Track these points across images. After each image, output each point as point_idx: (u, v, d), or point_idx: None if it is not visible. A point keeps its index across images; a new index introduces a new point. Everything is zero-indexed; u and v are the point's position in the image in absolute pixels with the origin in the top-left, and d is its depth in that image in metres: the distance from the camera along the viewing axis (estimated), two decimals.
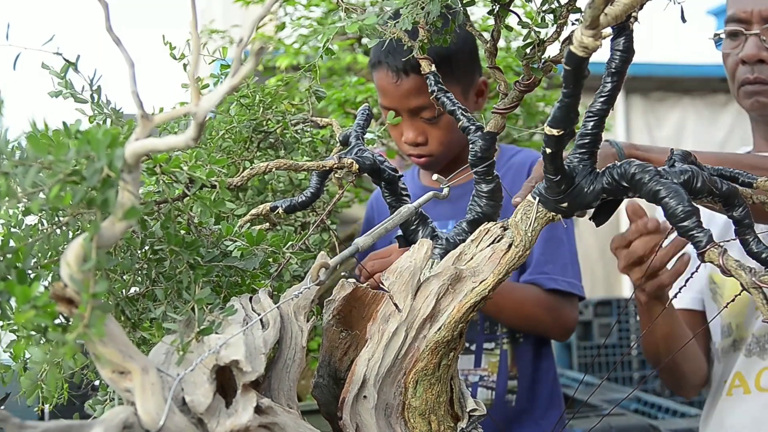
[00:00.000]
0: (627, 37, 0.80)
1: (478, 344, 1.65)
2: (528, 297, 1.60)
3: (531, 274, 1.62)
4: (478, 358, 1.65)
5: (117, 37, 0.62)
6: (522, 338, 1.67)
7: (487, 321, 1.66)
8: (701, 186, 0.81)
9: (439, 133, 1.59)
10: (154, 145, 0.58)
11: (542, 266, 1.62)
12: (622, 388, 2.86)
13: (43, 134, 0.63)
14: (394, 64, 1.55)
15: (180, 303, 0.79)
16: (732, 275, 0.74)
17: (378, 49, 1.59)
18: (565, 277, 1.62)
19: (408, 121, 1.60)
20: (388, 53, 1.56)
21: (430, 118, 1.58)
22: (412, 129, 1.60)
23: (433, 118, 1.58)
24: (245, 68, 0.55)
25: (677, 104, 5.78)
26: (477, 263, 0.91)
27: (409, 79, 1.55)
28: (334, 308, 0.91)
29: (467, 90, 1.63)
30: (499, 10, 0.94)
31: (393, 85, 1.57)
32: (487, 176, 1.01)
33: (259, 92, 1.21)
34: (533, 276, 1.61)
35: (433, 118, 1.58)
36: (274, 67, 2.52)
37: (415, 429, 0.87)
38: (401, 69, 1.55)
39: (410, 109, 1.58)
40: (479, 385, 1.64)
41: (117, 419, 0.61)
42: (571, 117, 0.78)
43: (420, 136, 1.60)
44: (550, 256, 1.62)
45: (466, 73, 1.62)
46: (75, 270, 0.56)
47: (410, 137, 1.60)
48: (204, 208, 0.82)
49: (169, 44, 1.10)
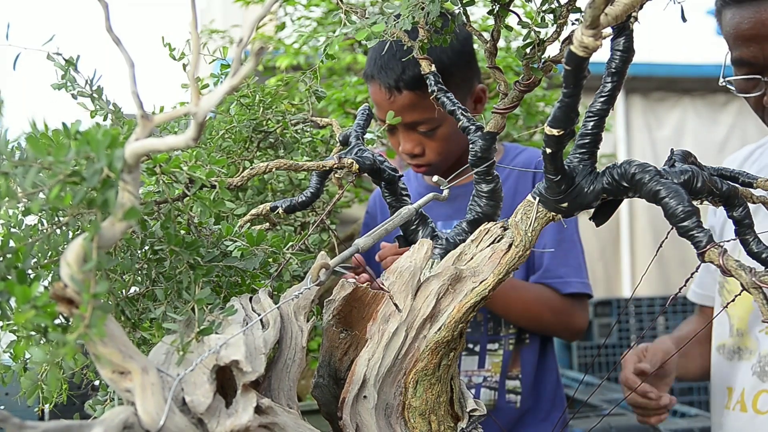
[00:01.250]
0: (627, 37, 0.80)
1: (482, 345, 1.65)
2: (539, 299, 1.60)
3: (545, 278, 1.62)
4: (482, 359, 1.64)
5: (117, 37, 0.62)
6: (528, 339, 1.67)
7: (491, 322, 1.66)
8: (701, 186, 0.81)
9: (436, 144, 1.59)
10: (153, 145, 0.58)
11: (557, 269, 1.62)
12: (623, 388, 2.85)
13: (43, 135, 0.63)
14: (386, 81, 1.55)
15: (180, 303, 0.79)
16: (732, 275, 0.74)
17: (371, 63, 1.58)
18: (579, 278, 1.62)
19: (404, 133, 1.60)
20: (381, 69, 1.55)
21: (425, 132, 1.58)
22: (409, 141, 1.60)
23: (429, 131, 1.58)
24: (245, 68, 0.55)
25: (677, 104, 5.78)
26: (477, 263, 0.91)
27: (402, 96, 1.55)
28: (334, 308, 0.91)
29: (464, 99, 1.63)
30: (499, 10, 0.94)
31: (386, 102, 1.56)
32: (487, 176, 1.01)
33: (259, 92, 1.21)
34: (549, 280, 1.62)
35: (429, 131, 1.58)
36: (274, 67, 2.52)
37: (415, 429, 0.87)
38: (394, 87, 1.54)
39: (405, 124, 1.57)
40: (482, 386, 1.64)
41: (117, 419, 0.61)
42: (571, 117, 0.78)
43: (417, 147, 1.60)
44: (563, 258, 1.62)
45: (464, 81, 1.62)
46: (75, 270, 0.56)
47: (407, 149, 1.61)
48: (204, 208, 0.82)
49: (169, 45, 1.10)
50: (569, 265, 1.62)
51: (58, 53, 0.96)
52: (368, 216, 1.86)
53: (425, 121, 1.56)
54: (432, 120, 1.55)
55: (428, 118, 1.55)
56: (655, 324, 3.54)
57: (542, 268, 1.62)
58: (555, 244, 1.60)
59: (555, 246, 1.60)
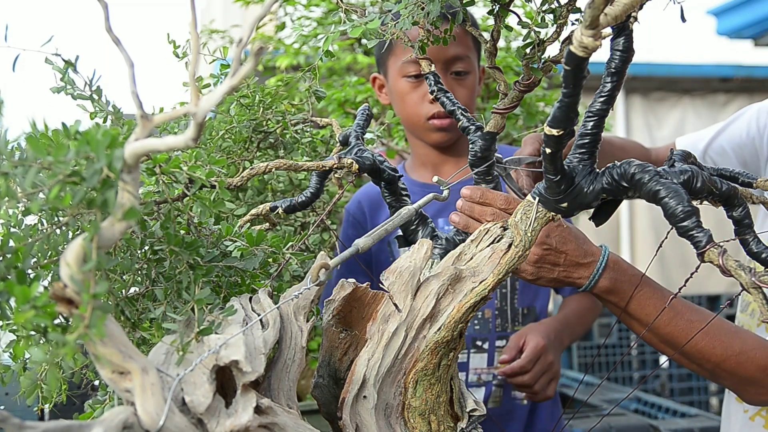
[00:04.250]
0: (627, 37, 0.80)
1: (490, 342, 1.65)
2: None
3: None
4: (491, 357, 1.65)
5: (117, 37, 0.62)
6: None
7: (498, 319, 1.66)
8: (701, 186, 0.81)
9: (464, 92, 1.60)
10: (153, 145, 0.58)
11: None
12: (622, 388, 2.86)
13: (43, 135, 0.63)
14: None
15: (180, 303, 0.79)
16: (732, 275, 0.74)
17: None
18: None
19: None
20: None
21: (459, 72, 1.60)
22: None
23: (463, 73, 1.60)
24: (245, 68, 0.55)
25: (677, 104, 5.78)
26: (477, 263, 0.91)
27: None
28: (334, 308, 0.91)
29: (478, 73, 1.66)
30: (498, 10, 0.94)
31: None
32: (487, 176, 1.01)
33: (259, 92, 1.21)
34: None
35: (463, 73, 1.60)
36: (274, 67, 2.52)
37: (414, 429, 0.87)
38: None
39: (446, 60, 1.58)
40: (493, 384, 1.64)
41: (117, 419, 0.61)
42: (571, 117, 0.78)
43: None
44: None
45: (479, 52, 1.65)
46: (75, 270, 0.56)
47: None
48: (204, 208, 0.82)
49: (174, 42, 1.10)
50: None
51: (57, 54, 0.96)
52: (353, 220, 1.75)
53: (465, 58, 1.58)
54: (468, 60, 1.59)
55: (468, 55, 1.59)
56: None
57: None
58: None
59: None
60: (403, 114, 1.66)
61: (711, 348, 1.08)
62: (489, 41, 0.97)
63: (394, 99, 1.66)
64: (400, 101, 1.64)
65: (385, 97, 1.73)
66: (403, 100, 1.63)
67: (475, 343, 1.64)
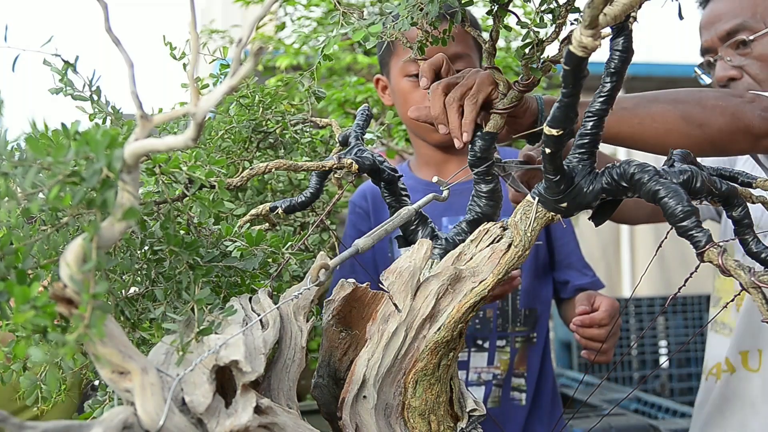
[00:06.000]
0: (626, 37, 0.80)
1: (491, 342, 1.65)
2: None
3: (591, 277, 1.69)
4: (492, 356, 1.65)
5: (116, 38, 0.62)
6: (536, 338, 1.68)
7: (500, 318, 1.66)
8: (700, 186, 0.81)
9: None
10: (153, 145, 0.58)
11: (587, 269, 1.71)
12: (622, 388, 2.86)
13: (43, 135, 0.63)
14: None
15: (180, 303, 0.79)
16: (731, 275, 0.74)
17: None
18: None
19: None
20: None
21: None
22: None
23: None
24: (244, 68, 0.55)
25: None
26: (476, 263, 0.91)
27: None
28: (333, 308, 0.91)
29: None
30: (498, 10, 0.94)
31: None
32: (487, 176, 1.01)
33: (259, 92, 1.21)
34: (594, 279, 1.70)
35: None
36: (274, 67, 2.52)
37: (414, 429, 0.87)
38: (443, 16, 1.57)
39: (449, 56, 1.58)
40: (493, 383, 1.64)
41: (117, 419, 0.61)
42: (570, 117, 0.78)
43: None
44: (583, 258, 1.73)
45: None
46: (75, 270, 0.56)
47: None
48: (203, 208, 0.82)
49: (170, 44, 1.10)
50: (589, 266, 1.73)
51: (57, 54, 0.96)
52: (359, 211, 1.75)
53: (466, 56, 1.58)
54: (470, 58, 1.59)
55: (469, 54, 1.59)
56: (655, 324, 3.54)
57: (575, 268, 1.69)
58: (575, 245, 1.71)
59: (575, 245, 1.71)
60: (406, 114, 1.66)
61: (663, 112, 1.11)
62: (488, 41, 0.97)
63: (397, 99, 1.67)
64: (402, 101, 1.64)
65: (388, 98, 1.73)
66: (405, 99, 1.63)
67: (476, 342, 1.64)
